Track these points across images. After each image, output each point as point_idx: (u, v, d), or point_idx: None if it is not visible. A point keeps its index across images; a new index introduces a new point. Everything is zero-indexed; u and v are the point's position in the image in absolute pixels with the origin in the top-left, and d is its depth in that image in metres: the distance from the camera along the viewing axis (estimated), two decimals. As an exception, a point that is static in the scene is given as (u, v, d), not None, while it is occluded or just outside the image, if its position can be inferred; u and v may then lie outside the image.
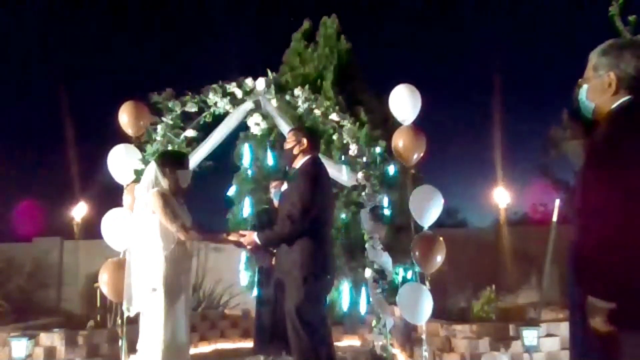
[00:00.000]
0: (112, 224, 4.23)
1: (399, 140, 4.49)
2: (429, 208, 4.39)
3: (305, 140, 3.44)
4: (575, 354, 2.07)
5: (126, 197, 4.36)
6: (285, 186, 3.63)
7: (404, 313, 4.43)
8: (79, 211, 8.46)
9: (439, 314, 5.29)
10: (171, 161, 3.51)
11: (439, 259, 4.33)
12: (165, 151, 4.24)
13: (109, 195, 4.53)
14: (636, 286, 1.75)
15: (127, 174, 4.40)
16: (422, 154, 4.54)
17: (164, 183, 3.40)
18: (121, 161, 4.41)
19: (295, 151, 3.47)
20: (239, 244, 3.55)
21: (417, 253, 4.35)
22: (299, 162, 3.45)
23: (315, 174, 3.37)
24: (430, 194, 4.44)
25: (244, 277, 6.75)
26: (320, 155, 3.71)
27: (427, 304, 4.27)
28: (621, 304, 1.75)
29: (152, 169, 3.44)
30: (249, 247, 3.50)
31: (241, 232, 3.59)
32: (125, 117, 4.46)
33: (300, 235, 3.24)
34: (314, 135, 3.53)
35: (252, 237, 3.40)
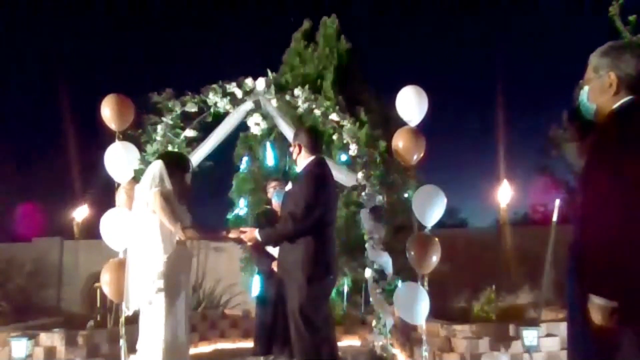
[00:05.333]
0: (110, 223, 4.22)
1: (399, 141, 4.49)
2: (431, 208, 4.39)
3: (303, 143, 3.46)
4: (575, 353, 2.07)
5: (120, 196, 4.35)
6: (289, 186, 3.65)
7: (401, 313, 4.43)
8: (80, 211, 8.47)
9: (439, 314, 5.29)
10: (181, 164, 3.54)
11: (434, 259, 4.34)
12: (174, 153, 4.25)
13: (109, 195, 4.52)
14: (637, 285, 1.76)
15: (124, 171, 4.39)
16: (421, 155, 4.54)
17: (168, 183, 3.39)
18: (118, 159, 4.39)
19: (294, 156, 3.53)
20: (239, 241, 3.56)
21: (412, 253, 4.36)
22: (303, 163, 3.48)
23: (319, 174, 3.38)
24: (433, 194, 4.44)
25: (245, 278, 6.75)
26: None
27: (423, 304, 4.28)
28: (622, 302, 1.76)
29: (157, 168, 3.41)
30: (249, 243, 3.52)
31: (242, 228, 3.60)
32: (108, 111, 4.38)
33: (304, 235, 3.25)
34: (313, 135, 3.54)
35: (254, 233, 3.42)
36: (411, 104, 4.50)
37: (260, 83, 4.77)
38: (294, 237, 3.28)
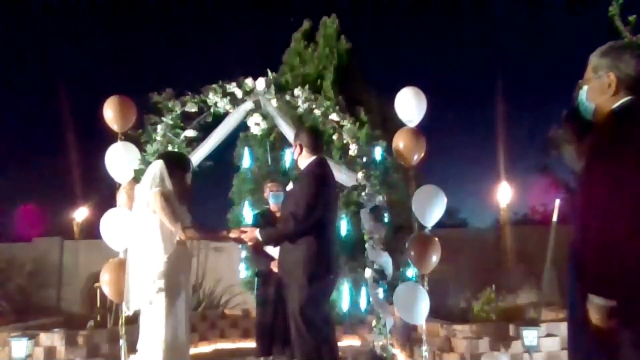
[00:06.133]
0: (110, 223, 4.22)
1: (399, 142, 4.50)
2: (431, 208, 4.40)
3: (304, 143, 3.47)
4: (575, 353, 2.08)
5: (120, 196, 4.35)
6: (290, 186, 3.65)
7: (401, 313, 4.43)
8: (80, 211, 8.48)
9: (439, 314, 5.30)
10: (181, 164, 3.54)
11: (435, 259, 4.34)
12: (174, 152, 4.24)
13: (109, 195, 4.53)
14: (637, 284, 1.76)
15: (124, 172, 4.39)
16: (422, 155, 4.55)
17: (169, 183, 3.39)
18: (119, 159, 4.39)
19: (295, 156, 3.53)
20: (240, 241, 3.55)
21: (412, 253, 4.36)
22: (304, 164, 3.48)
23: (319, 174, 3.38)
24: (433, 194, 4.44)
25: (243, 276, 6.76)
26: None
27: (423, 304, 4.28)
28: (622, 301, 1.77)
29: (158, 168, 3.41)
30: (250, 243, 3.51)
31: (242, 228, 3.60)
32: (110, 112, 4.39)
33: (304, 235, 3.25)
34: (314, 135, 3.54)
35: (254, 233, 3.41)
36: (410, 105, 4.51)
37: (260, 83, 4.77)
38: (295, 237, 3.28)
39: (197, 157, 4.60)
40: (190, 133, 4.72)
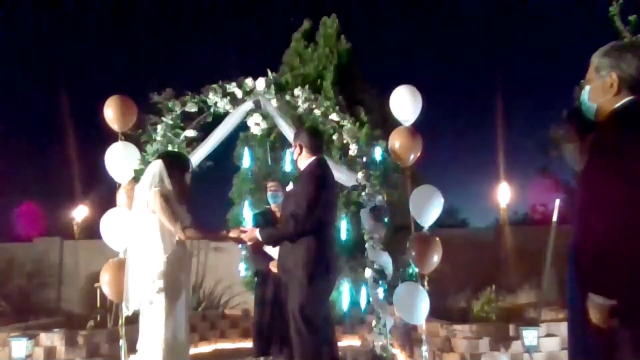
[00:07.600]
0: (110, 223, 4.22)
1: (395, 141, 4.49)
2: (429, 208, 4.39)
3: (304, 143, 3.47)
4: (575, 352, 2.08)
5: (121, 196, 4.35)
6: (290, 186, 3.64)
7: (401, 313, 4.43)
8: (80, 212, 8.47)
9: (439, 314, 5.30)
10: (181, 164, 3.54)
11: (436, 259, 4.34)
12: (173, 152, 4.24)
13: (109, 195, 4.53)
14: (636, 283, 1.76)
15: (124, 172, 4.39)
16: (418, 154, 4.54)
17: (168, 183, 3.39)
18: (118, 159, 4.39)
19: (295, 156, 3.53)
20: (239, 240, 3.56)
21: (413, 253, 4.36)
22: (304, 164, 3.48)
23: (320, 174, 3.38)
24: (430, 194, 4.44)
25: (243, 275, 6.77)
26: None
27: (423, 304, 4.28)
28: (622, 301, 1.77)
29: (157, 168, 3.42)
30: (249, 243, 3.51)
31: (242, 228, 3.60)
32: (111, 112, 4.40)
33: (305, 235, 3.25)
34: (313, 136, 3.54)
35: (254, 233, 3.42)
36: (405, 104, 4.50)
37: (260, 83, 4.77)
38: (295, 237, 3.28)
39: (197, 157, 4.61)
40: (190, 133, 4.73)
